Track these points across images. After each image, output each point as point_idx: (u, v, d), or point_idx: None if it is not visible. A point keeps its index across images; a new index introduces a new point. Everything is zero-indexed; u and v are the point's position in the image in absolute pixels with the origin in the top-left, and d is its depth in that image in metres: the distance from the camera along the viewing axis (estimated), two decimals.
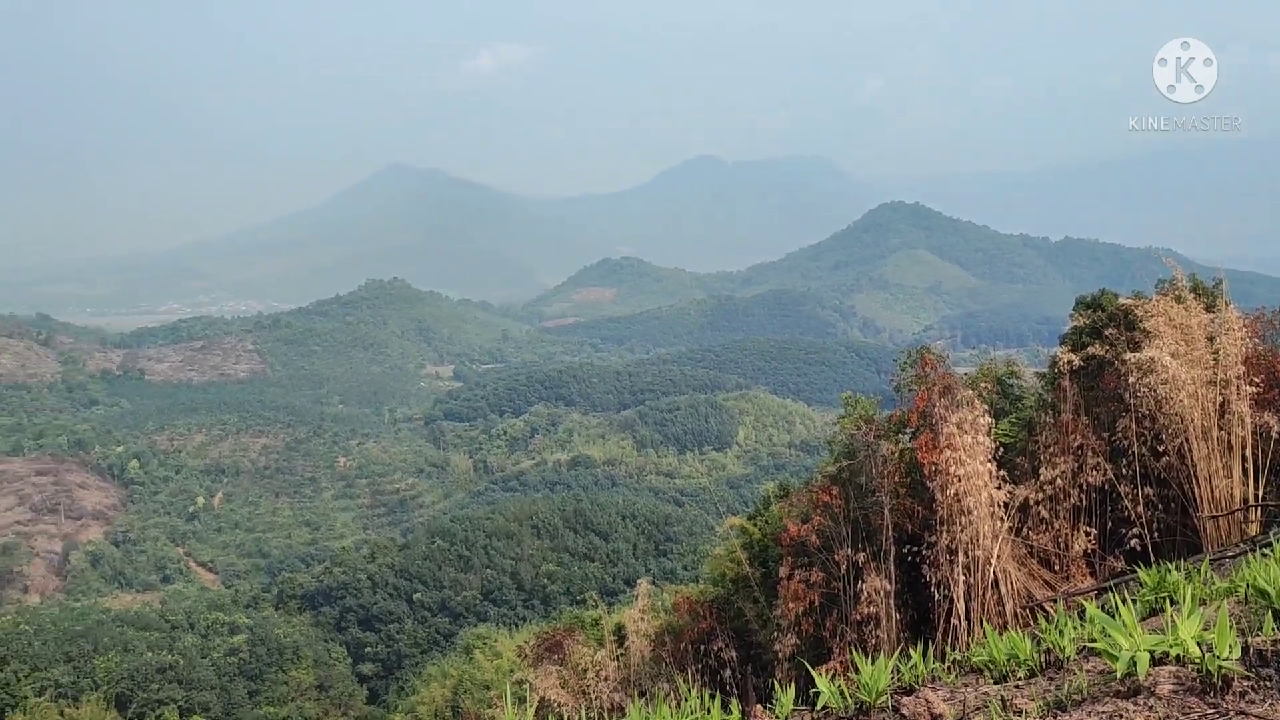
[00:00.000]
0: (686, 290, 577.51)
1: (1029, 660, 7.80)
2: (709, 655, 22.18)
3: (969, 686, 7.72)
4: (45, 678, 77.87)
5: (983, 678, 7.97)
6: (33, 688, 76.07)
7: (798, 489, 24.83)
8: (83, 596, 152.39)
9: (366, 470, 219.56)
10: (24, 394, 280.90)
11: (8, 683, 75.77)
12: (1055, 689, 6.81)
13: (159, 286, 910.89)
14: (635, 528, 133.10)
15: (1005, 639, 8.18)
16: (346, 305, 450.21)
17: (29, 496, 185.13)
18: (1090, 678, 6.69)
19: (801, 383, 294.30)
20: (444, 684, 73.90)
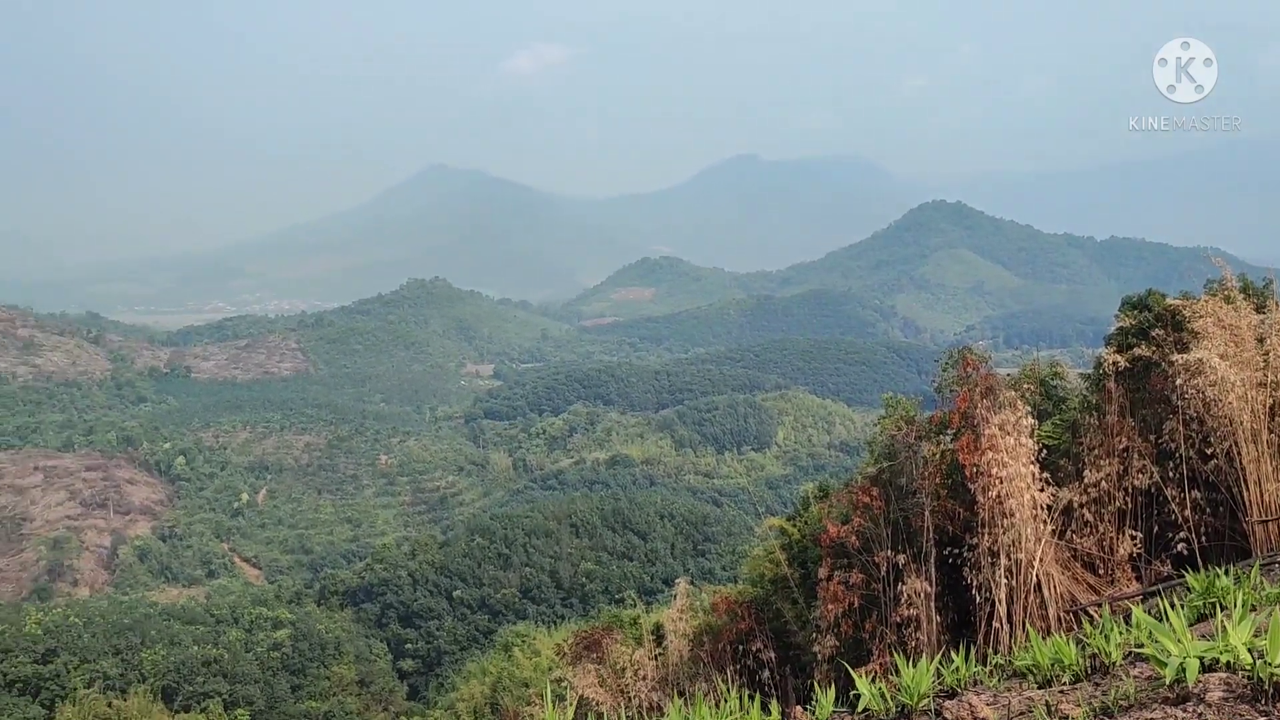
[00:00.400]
0: (725, 290, 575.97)
1: (1074, 665, 7.70)
2: (747, 656, 22.12)
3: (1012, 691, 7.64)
4: (94, 670, 79.31)
5: (1026, 682, 7.88)
6: (82, 679, 77.55)
7: (837, 490, 24.69)
8: (131, 590, 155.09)
9: (408, 468, 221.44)
10: (75, 391, 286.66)
11: (58, 674, 77.28)
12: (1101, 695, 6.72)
13: (205, 286, 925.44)
14: (673, 527, 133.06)
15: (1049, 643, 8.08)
16: (388, 304, 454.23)
17: (79, 492, 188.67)
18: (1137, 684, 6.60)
19: (841, 383, 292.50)
20: (483, 681, 74.37)
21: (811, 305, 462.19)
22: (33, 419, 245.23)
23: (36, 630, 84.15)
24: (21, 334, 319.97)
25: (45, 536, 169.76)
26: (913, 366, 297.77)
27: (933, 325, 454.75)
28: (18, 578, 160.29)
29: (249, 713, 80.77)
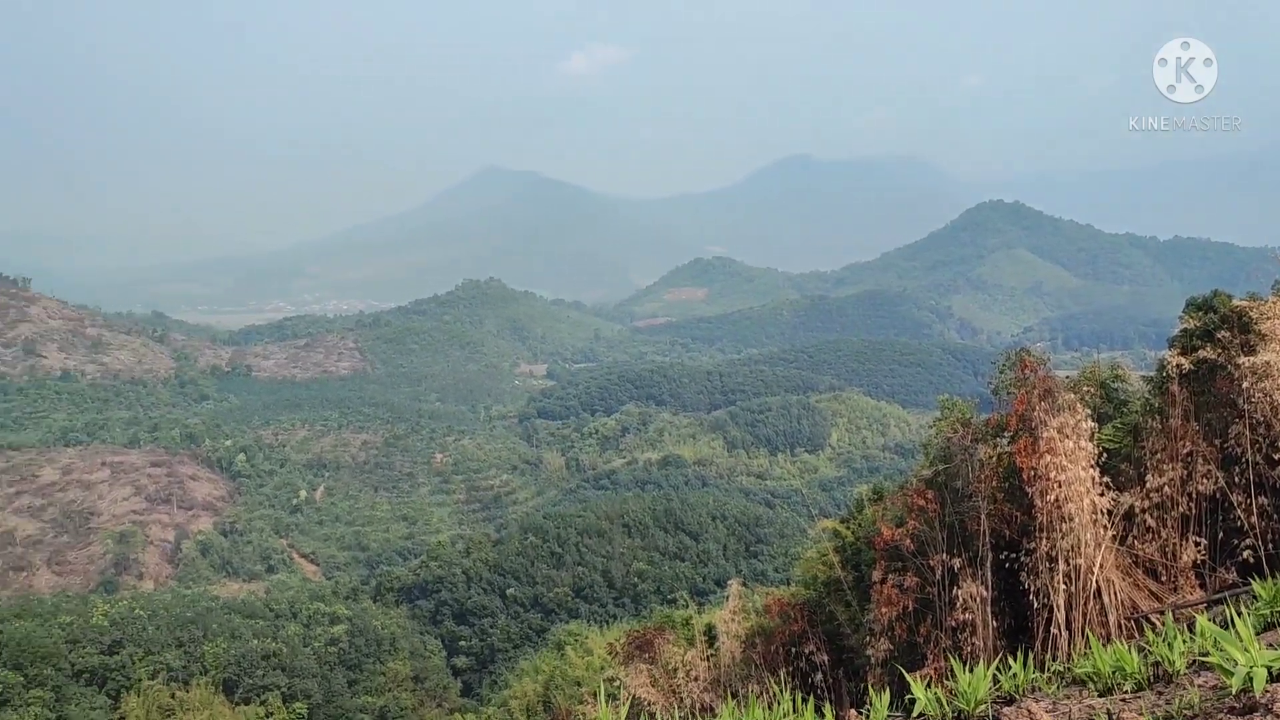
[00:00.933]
0: (779, 290, 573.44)
1: (1136, 673, 7.56)
2: (800, 658, 22.01)
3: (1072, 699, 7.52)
4: (158, 661, 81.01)
5: (1087, 690, 7.75)
6: (146, 670, 79.28)
7: (892, 492, 24.46)
8: (193, 584, 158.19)
9: (462, 466, 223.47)
10: (140, 389, 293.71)
11: (123, 665, 79.11)
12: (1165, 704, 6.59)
13: (266, 286, 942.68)
14: (726, 528, 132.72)
15: (1110, 651, 7.95)
16: (444, 305, 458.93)
17: (144, 487, 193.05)
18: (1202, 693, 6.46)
19: (896, 384, 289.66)
20: (536, 679, 74.83)
21: (866, 306, 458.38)
22: (100, 416, 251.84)
23: (103, 622, 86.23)
24: (90, 333, 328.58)
25: (112, 531, 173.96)
26: (969, 368, 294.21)
27: (989, 326, 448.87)
28: (85, 570, 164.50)
29: (307, 706, 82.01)
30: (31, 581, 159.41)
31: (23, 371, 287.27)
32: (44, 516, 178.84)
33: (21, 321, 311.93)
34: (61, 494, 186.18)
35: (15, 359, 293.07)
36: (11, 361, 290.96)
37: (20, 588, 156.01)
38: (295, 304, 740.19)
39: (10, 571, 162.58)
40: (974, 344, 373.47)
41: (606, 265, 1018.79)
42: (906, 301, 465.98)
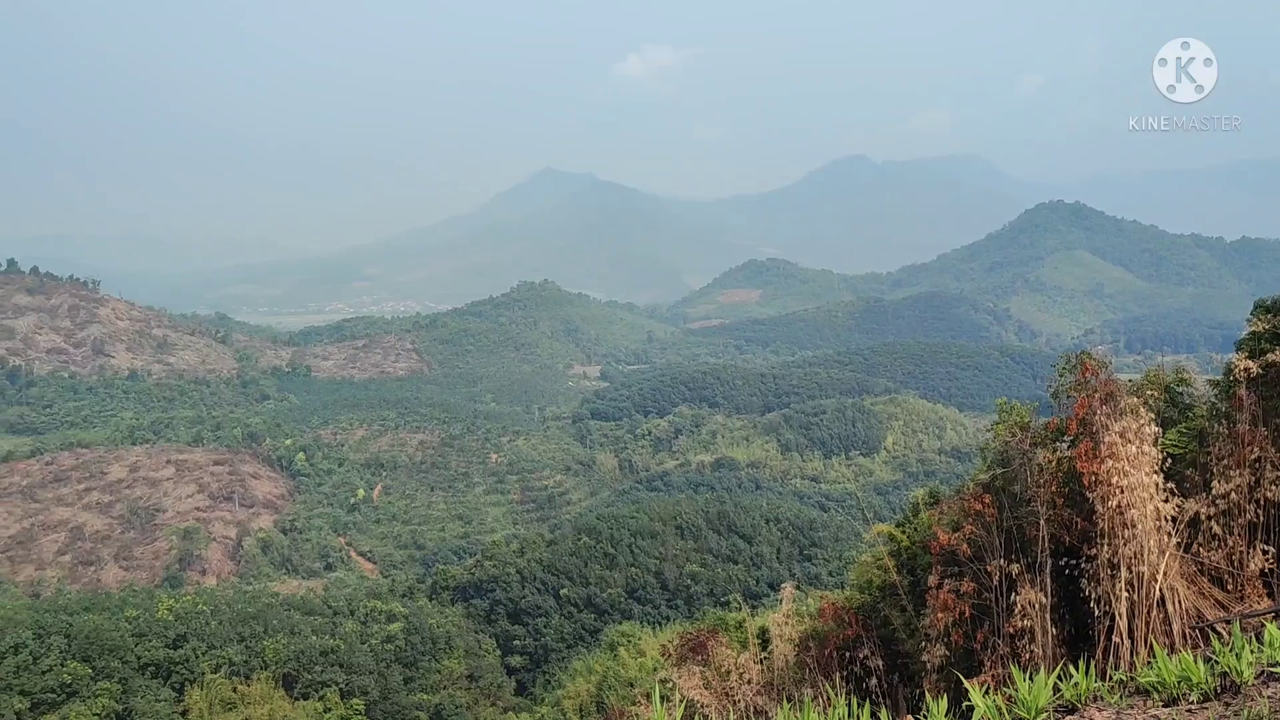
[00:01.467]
0: (834, 292, 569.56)
1: (1202, 684, 7.41)
2: (854, 662, 21.83)
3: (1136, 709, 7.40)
4: (220, 656, 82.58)
5: (1150, 700, 7.62)
6: (209, 664, 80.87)
7: (948, 496, 24.19)
8: (254, 580, 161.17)
9: (517, 466, 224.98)
10: (204, 389, 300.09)
11: (187, 659, 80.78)
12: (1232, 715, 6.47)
13: (326, 288, 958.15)
14: (779, 531, 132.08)
15: (1175, 660, 7.80)
16: (499, 306, 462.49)
17: (208, 485, 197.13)
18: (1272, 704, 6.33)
19: (953, 387, 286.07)
20: (589, 679, 75.17)
21: (922, 308, 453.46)
22: (166, 415, 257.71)
23: (168, 616, 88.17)
24: (157, 333, 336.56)
25: (176, 527, 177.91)
26: (1027, 371, 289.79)
27: (1049, 329, 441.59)
28: (151, 566, 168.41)
29: (364, 703, 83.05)
30: (100, 576, 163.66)
31: (92, 371, 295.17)
32: (112, 513, 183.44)
33: (92, 322, 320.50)
34: (129, 491, 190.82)
35: (85, 359, 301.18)
36: (82, 361, 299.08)
37: (89, 582, 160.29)
38: (354, 305, 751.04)
39: (80, 566, 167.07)
40: (1033, 347, 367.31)
41: (660, 267, 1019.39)
42: (963, 303, 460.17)
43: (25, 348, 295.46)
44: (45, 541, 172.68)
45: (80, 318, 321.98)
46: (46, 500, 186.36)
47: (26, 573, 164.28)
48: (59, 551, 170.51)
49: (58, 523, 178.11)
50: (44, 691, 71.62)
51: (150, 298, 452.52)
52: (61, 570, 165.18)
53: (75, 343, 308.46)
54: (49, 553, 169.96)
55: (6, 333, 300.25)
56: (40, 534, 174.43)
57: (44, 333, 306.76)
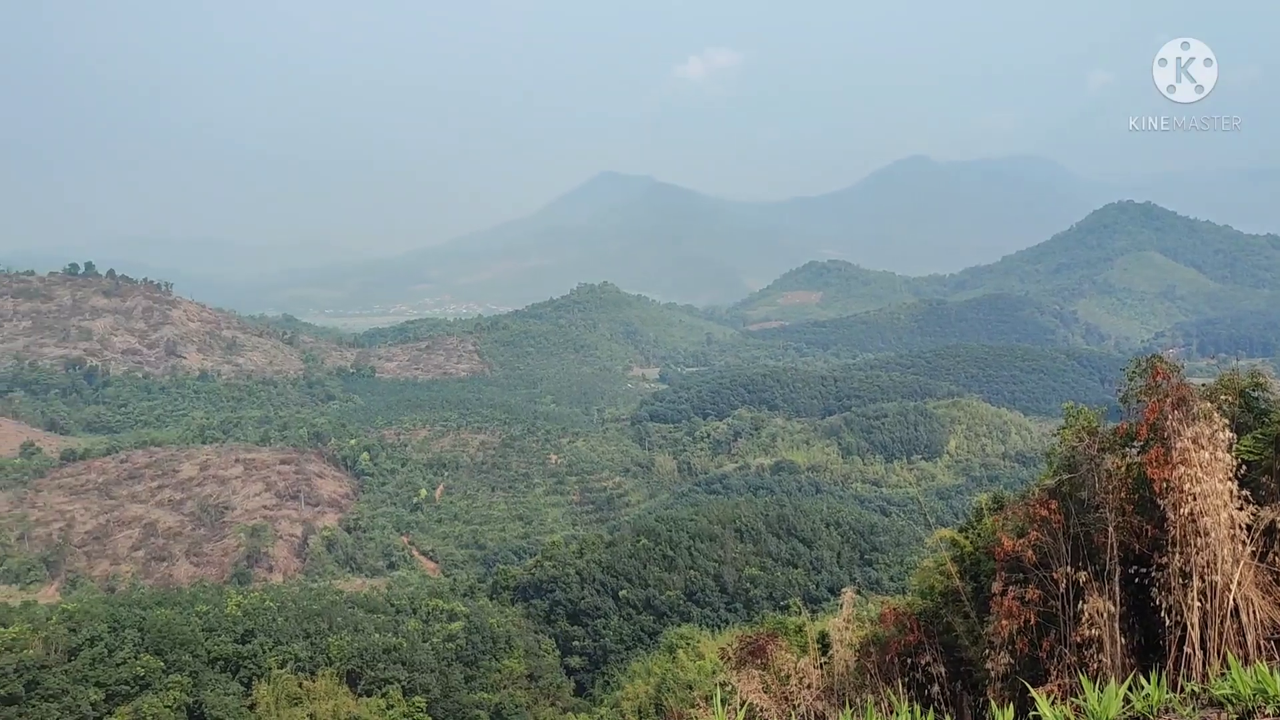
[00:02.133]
0: (895, 294, 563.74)
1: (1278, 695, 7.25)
2: (916, 669, 21.61)
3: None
4: (286, 652, 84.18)
5: (1225, 712, 7.48)
6: (276, 660, 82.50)
7: (1013, 502, 23.83)
8: (319, 578, 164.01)
9: (576, 468, 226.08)
10: (272, 389, 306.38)
11: (255, 654, 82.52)
12: None
13: (390, 290, 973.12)
14: (839, 535, 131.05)
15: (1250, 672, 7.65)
16: (559, 308, 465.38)
17: (275, 484, 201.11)
18: None
19: (1018, 391, 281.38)
20: (648, 681, 75.25)
21: (986, 310, 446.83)
22: (234, 414, 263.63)
23: (236, 612, 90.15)
24: (226, 335, 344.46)
25: (245, 525, 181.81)
26: (1095, 375, 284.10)
27: (1117, 332, 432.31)
28: (220, 562, 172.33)
29: (425, 700, 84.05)
30: (172, 572, 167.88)
31: (165, 371, 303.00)
32: (183, 510, 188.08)
33: (165, 324, 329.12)
34: (199, 489, 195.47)
35: (158, 359, 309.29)
36: (155, 362, 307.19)
37: (162, 577, 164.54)
38: (416, 307, 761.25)
39: (153, 561, 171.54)
40: (1101, 350, 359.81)
41: (719, 269, 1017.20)
42: (1029, 306, 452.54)
43: (102, 348, 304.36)
44: (120, 537, 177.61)
45: (154, 319, 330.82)
46: (121, 497, 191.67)
47: (102, 567, 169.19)
48: (133, 547, 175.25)
49: (132, 519, 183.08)
50: (118, 683, 73.69)
51: (220, 300, 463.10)
52: (135, 565, 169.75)
53: (149, 344, 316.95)
54: (124, 548, 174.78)
55: (84, 334, 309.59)
56: (115, 530, 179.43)
57: (119, 334, 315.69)
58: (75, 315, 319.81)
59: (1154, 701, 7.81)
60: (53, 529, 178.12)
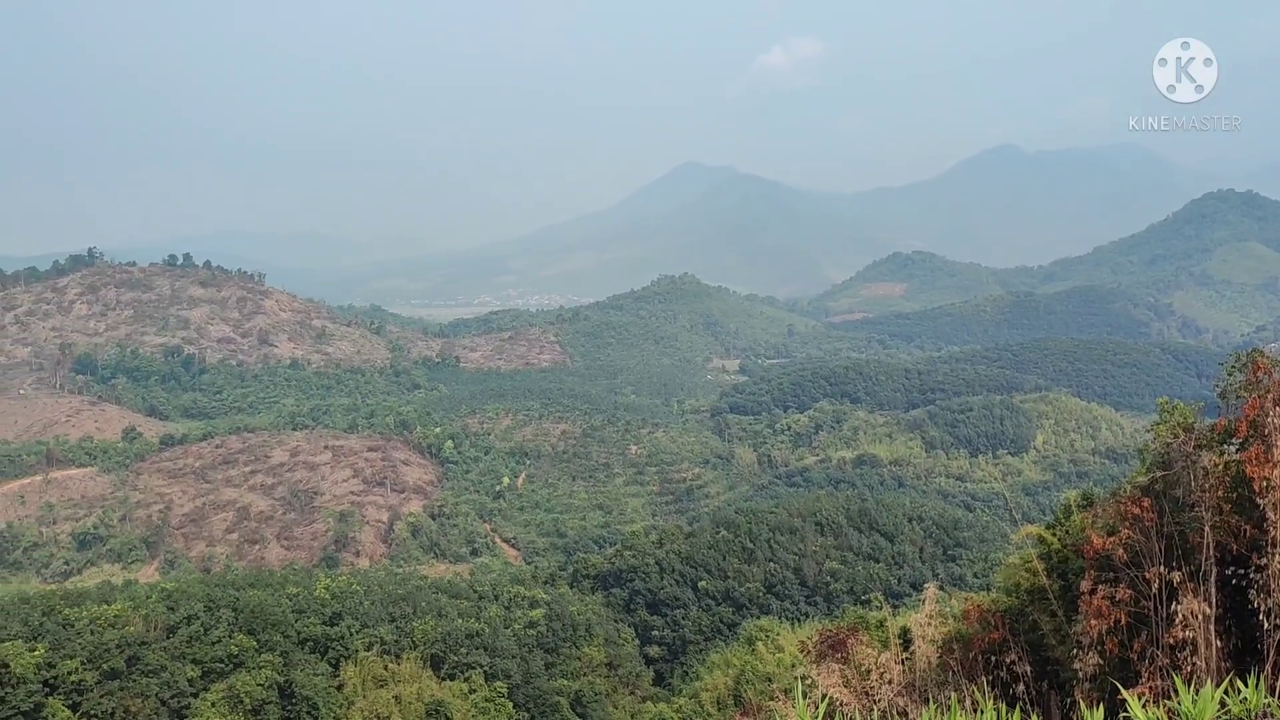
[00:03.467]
0: (982, 286, 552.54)
1: None
2: (1000, 667, 21.31)
3: None
4: (372, 635, 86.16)
5: None
6: (362, 642, 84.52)
7: (1103, 499, 23.34)
8: (404, 563, 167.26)
9: (656, 458, 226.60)
10: (359, 378, 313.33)
11: (342, 636, 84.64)
12: None
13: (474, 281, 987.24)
14: (922, 530, 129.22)
15: None
16: (640, 300, 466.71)
17: (362, 470, 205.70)
18: None
19: (1109, 386, 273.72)
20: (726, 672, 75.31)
21: (1076, 303, 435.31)
22: (324, 402, 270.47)
23: (325, 595, 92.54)
24: (316, 324, 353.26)
25: (333, 510, 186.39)
26: (1191, 369, 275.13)
27: (1215, 325, 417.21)
28: (310, 546, 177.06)
29: (506, 686, 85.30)
30: (264, 554, 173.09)
31: (258, 360, 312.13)
32: (274, 494, 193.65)
33: (257, 314, 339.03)
34: (290, 474, 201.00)
35: (252, 348, 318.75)
36: (248, 350, 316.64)
37: (254, 559, 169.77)
38: (500, 298, 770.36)
39: (246, 544, 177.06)
40: (1198, 344, 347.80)
41: (802, 260, 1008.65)
42: (1121, 298, 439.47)
43: (199, 337, 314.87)
44: (215, 520, 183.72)
45: (247, 309, 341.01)
46: (216, 481, 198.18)
47: (198, 549, 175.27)
48: (227, 530, 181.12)
49: (226, 503, 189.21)
50: (213, 661, 76.31)
51: (310, 291, 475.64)
52: (229, 547, 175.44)
53: (242, 333, 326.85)
54: (218, 530, 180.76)
55: (182, 323, 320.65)
56: (211, 513, 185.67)
57: (215, 323, 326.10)
58: (174, 305, 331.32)
59: (1252, 705, 7.63)
60: (152, 511, 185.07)
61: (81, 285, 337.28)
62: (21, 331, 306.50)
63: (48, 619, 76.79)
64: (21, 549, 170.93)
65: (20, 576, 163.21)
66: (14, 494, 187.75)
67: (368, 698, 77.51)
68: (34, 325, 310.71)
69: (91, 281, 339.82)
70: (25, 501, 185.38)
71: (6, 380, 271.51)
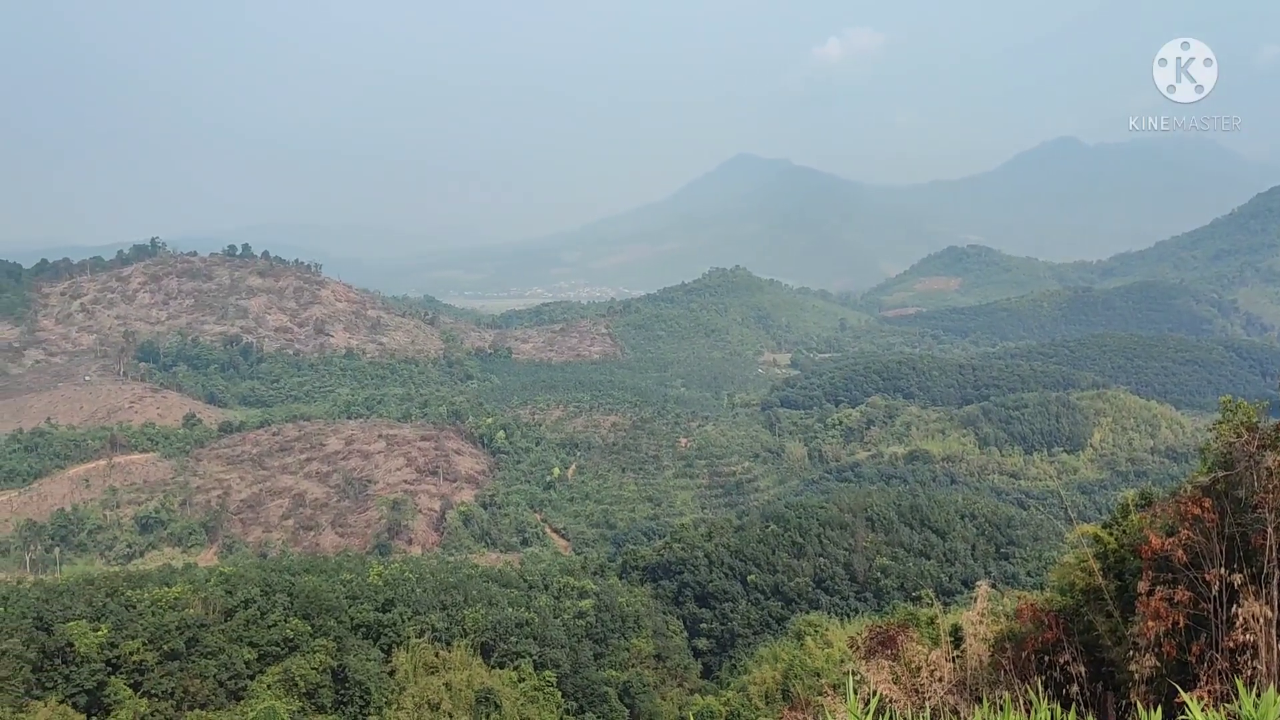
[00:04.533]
0: (1039, 280, 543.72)
1: None
2: (1054, 667, 21.10)
3: None
4: (424, 622, 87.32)
5: None
6: (414, 629, 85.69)
7: (1162, 499, 22.95)
8: (455, 551, 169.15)
9: (705, 451, 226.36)
10: (413, 368, 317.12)
11: (394, 623, 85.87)
12: None
13: (527, 273, 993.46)
14: (975, 528, 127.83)
15: None
16: (691, 292, 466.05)
17: (415, 459, 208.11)
18: None
19: (1169, 384, 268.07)
20: (775, 666, 75.19)
21: (1136, 298, 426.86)
22: (378, 392, 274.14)
23: (378, 581, 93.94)
24: (371, 315, 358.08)
25: (386, 498, 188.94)
26: (1256, 368, 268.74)
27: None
28: (363, 533, 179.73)
29: (555, 675, 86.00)
30: (318, 540, 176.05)
31: (314, 349, 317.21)
32: (329, 482, 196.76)
33: (314, 304, 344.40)
34: (344, 462, 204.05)
35: (308, 337, 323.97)
36: (305, 340, 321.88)
37: (309, 545, 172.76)
38: (552, 290, 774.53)
39: (301, 530, 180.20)
40: (1263, 341, 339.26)
41: (855, 254, 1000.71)
42: (1183, 294, 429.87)
43: (256, 326, 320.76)
44: (272, 506, 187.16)
45: (304, 299, 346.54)
46: (273, 468, 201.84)
47: (255, 534, 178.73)
48: (283, 516, 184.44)
49: (282, 489, 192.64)
50: (269, 644, 77.87)
51: (365, 281, 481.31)
52: (285, 533, 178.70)
53: (299, 322, 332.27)
54: (275, 516, 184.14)
55: (241, 312, 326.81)
56: (267, 499, 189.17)
57: (272, 313, 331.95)
58: (233, 294, 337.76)
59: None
60: (211, 496, 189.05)
61: (145, 275, 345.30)
62: (88, 319, 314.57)
63: (111, 600, 78.89)
64: (86, 531, 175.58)
65: (85, 558, 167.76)
66: (80, 478, 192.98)
67: (419, 684, 78.59)
68: (99, 313, 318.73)
69: (154, 271, 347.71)
70: (90, 485, 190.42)
71: (73, 367, 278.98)
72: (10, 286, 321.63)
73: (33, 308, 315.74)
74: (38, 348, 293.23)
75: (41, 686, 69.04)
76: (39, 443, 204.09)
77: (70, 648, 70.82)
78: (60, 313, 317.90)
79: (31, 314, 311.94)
